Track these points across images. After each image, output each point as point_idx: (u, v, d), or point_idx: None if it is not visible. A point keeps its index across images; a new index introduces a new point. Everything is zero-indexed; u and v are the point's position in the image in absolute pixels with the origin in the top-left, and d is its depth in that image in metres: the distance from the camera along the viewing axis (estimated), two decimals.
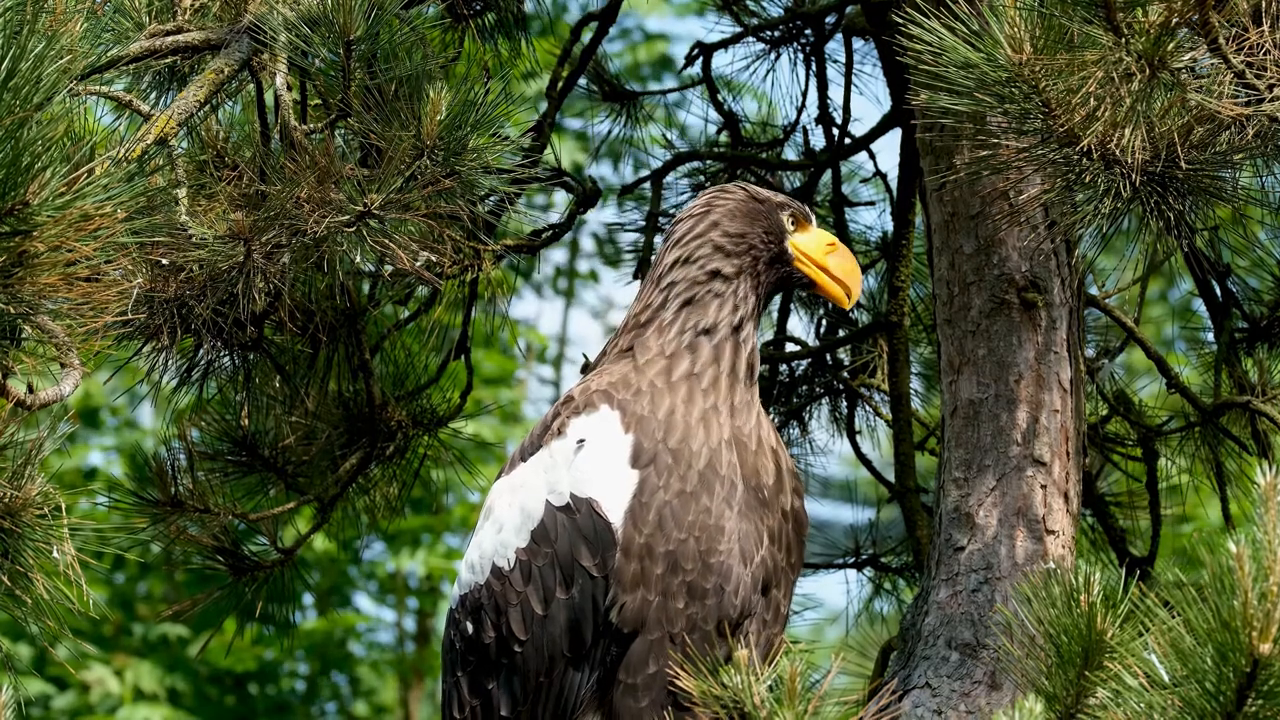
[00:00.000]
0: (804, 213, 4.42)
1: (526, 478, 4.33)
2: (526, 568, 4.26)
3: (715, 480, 4.23)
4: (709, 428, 4.26)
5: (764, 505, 4.29)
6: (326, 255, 4.48)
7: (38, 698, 12.58)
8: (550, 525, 4.24)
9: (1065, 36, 4.15)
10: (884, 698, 4.15)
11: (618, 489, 4.21)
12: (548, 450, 4.31)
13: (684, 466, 4.22)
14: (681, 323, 4.35)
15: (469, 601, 4.37)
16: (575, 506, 4.23)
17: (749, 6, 6.52)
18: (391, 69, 4.52)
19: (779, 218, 4.41)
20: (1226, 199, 4.25)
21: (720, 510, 4.22)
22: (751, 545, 4.26)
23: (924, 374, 6.53)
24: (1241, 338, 5.82)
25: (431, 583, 14.22)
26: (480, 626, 4.34)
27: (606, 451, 4.24)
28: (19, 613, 4.12)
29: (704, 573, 4.20)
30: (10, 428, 4.08)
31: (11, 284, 3.74)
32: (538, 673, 4.27)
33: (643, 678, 4.19)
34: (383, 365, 5.99)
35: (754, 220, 4.40)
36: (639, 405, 4.26)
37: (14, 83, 3.67)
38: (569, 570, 4.22)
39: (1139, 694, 3.58)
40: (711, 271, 4.37)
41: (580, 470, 4.24)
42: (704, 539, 4.20)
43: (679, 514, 4.19)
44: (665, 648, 4.18)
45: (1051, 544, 4.95)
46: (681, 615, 4.19)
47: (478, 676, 4.35)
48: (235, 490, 5.83)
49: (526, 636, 4.26)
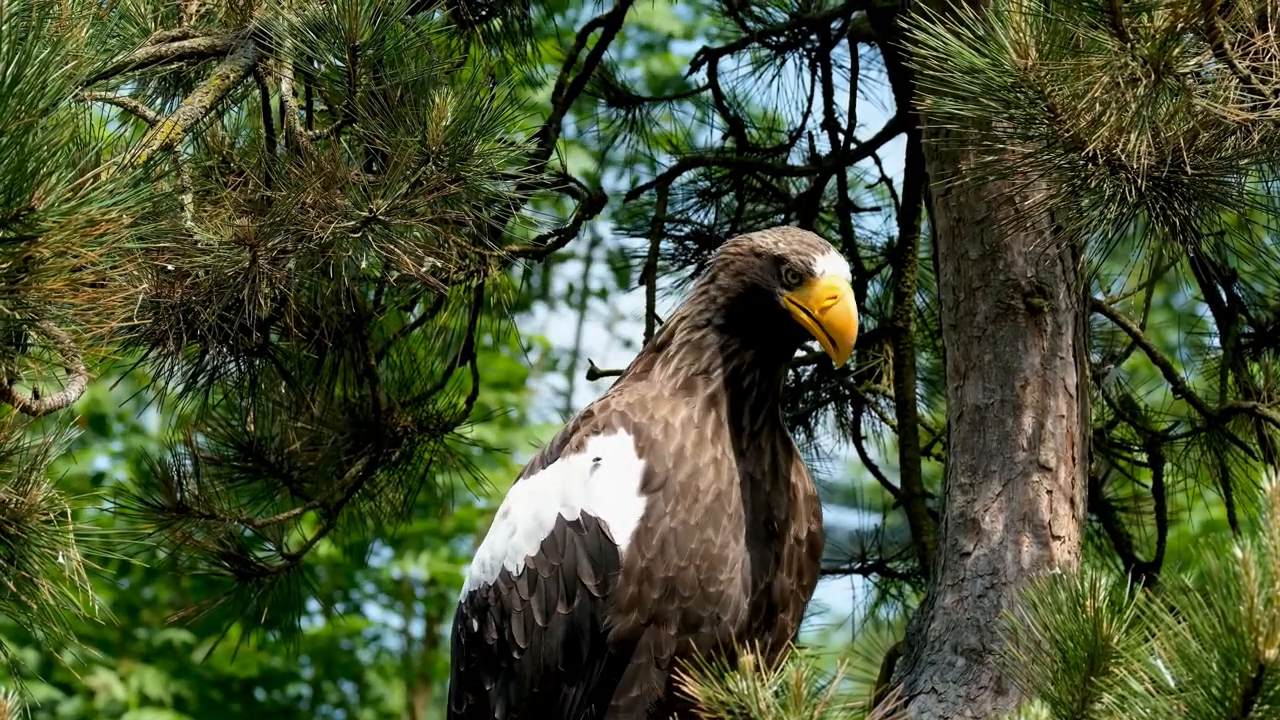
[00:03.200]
0: (802, 268, 4.30)
1: (544, 486, 4.36)
2: (533, 577, 4.29)
3: (722, 514, 4.25)
4: (719, 470, 4.28)
5: (774, 536, 4.31)
6: (332, 261, 4.48)
7: (44, 703, 12.59)
8: (560, 538, 4.27)
9: (1070, 41, 4.14)
10: (889, 703, 4.15)
11: (626, 512, 4.24)
12: (566, 462, 4.34)
13: (690, 499, 4.24)
14: (678, 362, 4.36)
15: (477, 599, 4.40)
16: (585, 524, 4.25)
17: (755, 12, 6.53)
18: (397, 74, 4.52)
19: (773, 271, 4.32)
20: (1232, 204, 4.24)
21: (725, 541, 4.24)
22: (756, 574, 4.28)
23: (929, 379, 6.53)
24: (1247, 343, 5.82)
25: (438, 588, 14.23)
26: (485, 626, 4.37)
27: (619, 474, 4.26)
28: (25, 618, 4.12)
29: (701, 601, 4.22)
30: (16, 433, 4.09)
31: (17, 289, 3.74)
32: (532, 682, 4.31)
33: (625, 700, 4.23)
34: (388, 371, 6.00)
35: (745, 274, 4.36)
36: (654, 431, 4.27)
37: (19, 88, 3.67)
38: (571, 586, 4.25)
39: (1145, 699, 3.58)
40: (705, 321, 4.36)
41: (594, 489, 4.27)
42: (705, 568, 4.22)
43: (682, 541, 4.21)
44: (650, 673, 4.22)
45: (1057, 549, 4.95)
46: (672, 641, 4.22)
47: (478, 674, 4.39)
48: (241, 496, 5.83)
49: (526, 645, 4.29)
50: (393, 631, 14.60)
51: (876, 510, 6.76)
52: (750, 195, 6.53)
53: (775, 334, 4.35)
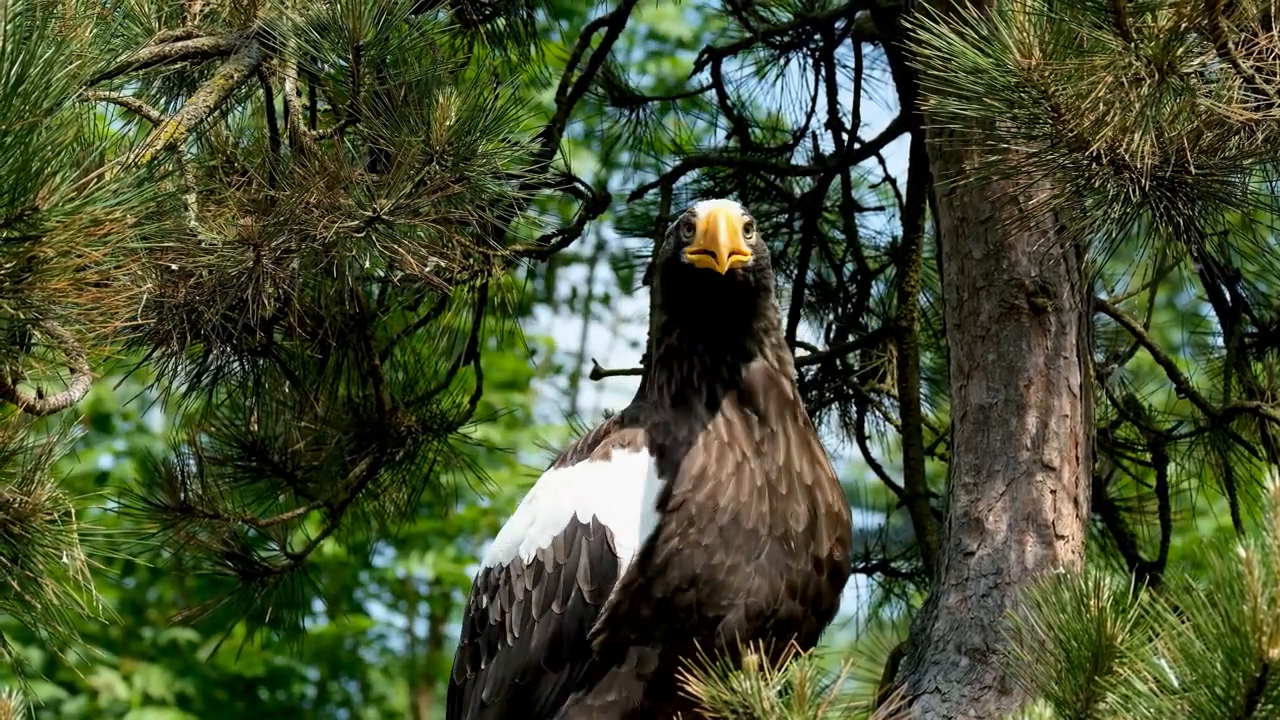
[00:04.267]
0: (689, 215, 4.27)
1: (571, 480, 4.37)
2: (539, 569, 4.30)
3: (736, 534, 4.24)
4: (740, 481, 4.27)
5: (791, 555, 4.29)
6: (336, 260, 4.48)
7: (48, 702, 12.60)
8: (570, 537, 4.29)
9: (1074, 41, 4.14)
10: (893, 703, 4.14)
11: (635, 528, 4.25)
12: (590, 464, 4.36)
13: (705, 519, 4.23)
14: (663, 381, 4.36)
15: (490, 578, 4.45)
16: (593, 530, 4.27)
17: (758, 12, 6.53)
18: (401, 74, 4.53)
19: (675, 239, 4.31)
20: (1236, 204, 4.24)
21: (735, 563, 4.23)
22: (765, 600, 4.26)
23: (933, 379, 6.53)
24: (1251, 343, 5.82)
25: (442, 587, 14.24)
26: (490, 606, 4.42)
27: (636, 490, 4.27)
28: (29, 618, 4.12)
29: (696, 625, 4.22)
30: (20, 433, 4.09)
31: (21, 289, 3.74)
32: (515, 673, 4.34)
33: (601, 702, 4.23)
34: (392, 371, 6.00)
35: (661, 258, 4.36)
36: (677, 454, 4.27)
37: (23, 88, 3.67)
38: (569, 586, 4.26)
39: (1148, 699, 3.58)
40: (662, 329, 4.38)
41: (609, 498, 4.28)
42: (706, 592, 4.21)
43: (686, 566, 4.21)
44: (631, 682, 4.23)
45: (1061, 549, 4.95)
46: (654, 658, 4.22)
47: (477, 651, 4.43)
48: (245, 495, 5.83)
49: (518, 635, 4.31)
50: (397, 631, 14.61)
51: (880, 510, 6.76)
52: (754, 195, 6.53)
53: (702, 303, 4.29)
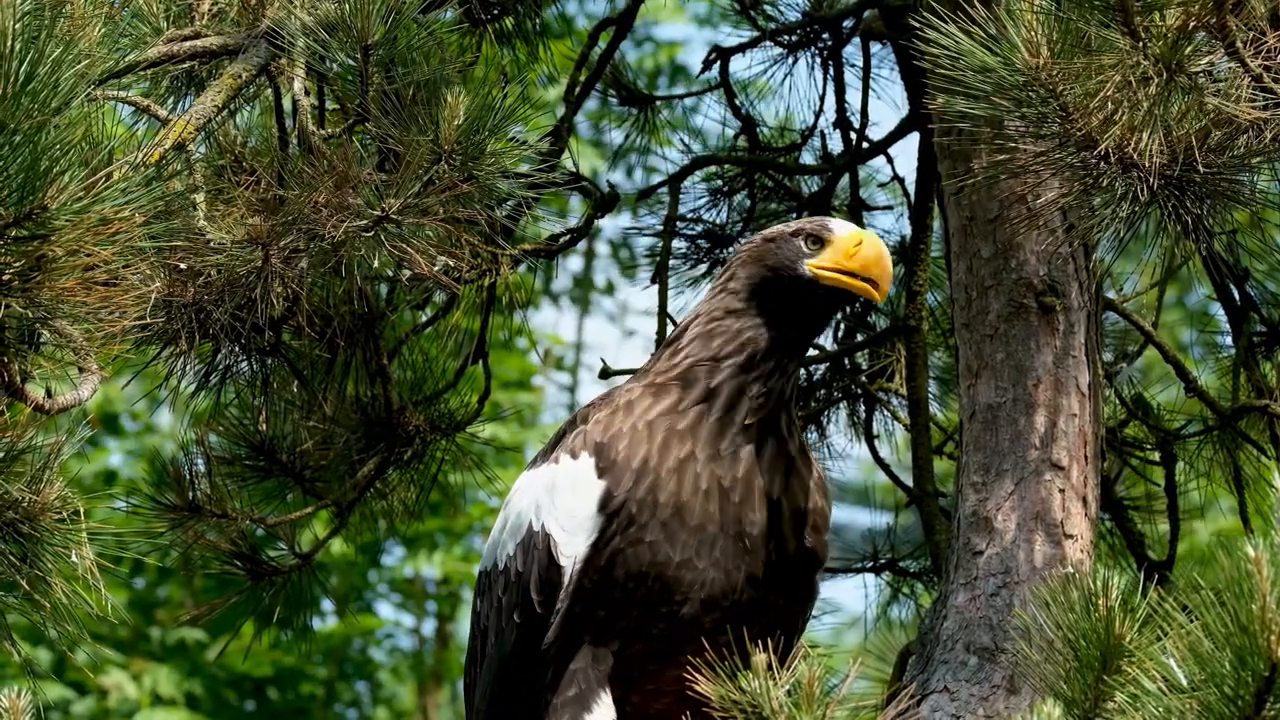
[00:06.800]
0: (818, 232, 4.29)
1: (531, 484, 4.37)
2: (509, 574, 4.31)
3: (681, 529, 4.21)
4: (681, 478, 4.23)
5: (747, 552, 4.26)
6: (344, 260, 4.48)
7: (57, 702, 12.61)
8: (529, 543, 4.30)
9: (1082, 40, 4.14)
10: (902, 702, 4.14)
11: (578, 534, 4.23)
12: (547, 468, 4.34)
13: (646, 515, 4.21)
14: (687, 350, 4.31)
15: (481, 580, 4.47)
16: (540, 539, 4.27)
17: (767, 11, 6.53)
18: (409, 73, 4.52)
19: (793, 246, 4.30)
20: (1244, 203, 4.24)
21: (685, 559, 4.21)
22: (721, 591, 4.23)
23: (942, 378, 6.53)
24: (1260, 341, 5.82)
25: (450, 586, 14.24)
26: (480, 609, 4.44)
27: (577, 496, 4.24)
28: (38, 617, 4.13)
29: (651, 620, 4.21)
30: (29, 432, 4.09)
31: (30, 288, 3.75)
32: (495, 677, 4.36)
33: (561, 699, 4.23)
34: (400, 370, 6.00)
35: (764, 259, 4.32)
36: (618, 446, 4.24)
37: (32, 87, 3.68)
38: (525, 595, 4.28)
39: (1157, 698, 3.57)
40: (724, 312, 4.32)
41: (555, 504, 4.27)
42: (657, 587, 4.20)
43: (632, 563, 4.20)
44: (590, 676, 4.22)
45: (1070, 548, 4.95)
46: (608, 654, 4.23)
47: (474, 652, 4.47)
48: (253, 495, 5.83)
49: (494, 640, 4.34)
50: (405, 630, 14.62)
51: (889, 509, 6.75)
52: (762, 194, 6.53)
53: (798, 314, 4.28)
